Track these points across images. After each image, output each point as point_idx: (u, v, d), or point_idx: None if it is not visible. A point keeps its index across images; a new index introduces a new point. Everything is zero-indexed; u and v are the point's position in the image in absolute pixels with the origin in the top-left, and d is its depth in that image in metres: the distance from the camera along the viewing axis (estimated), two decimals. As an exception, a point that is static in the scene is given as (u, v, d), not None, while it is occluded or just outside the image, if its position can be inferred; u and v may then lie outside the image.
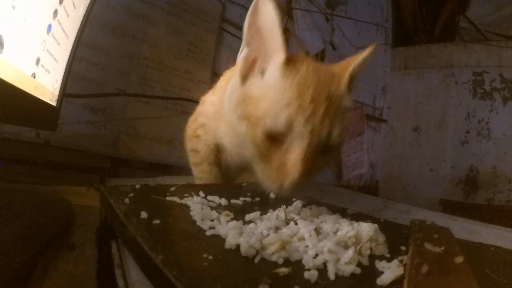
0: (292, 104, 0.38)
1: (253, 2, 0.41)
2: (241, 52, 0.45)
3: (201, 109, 0.68)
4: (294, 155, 0.38)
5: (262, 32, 0.43)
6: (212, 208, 0.41)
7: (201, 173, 0.68)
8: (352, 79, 0.46)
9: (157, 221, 0.35)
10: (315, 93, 0.39)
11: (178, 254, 0.29)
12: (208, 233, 0.34)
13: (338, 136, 0.41)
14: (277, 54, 0.42)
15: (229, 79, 0.60)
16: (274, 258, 0.30)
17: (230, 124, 0.48)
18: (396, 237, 0.38)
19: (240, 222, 0.36)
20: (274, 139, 0.39)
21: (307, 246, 0.32)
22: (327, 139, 0.40)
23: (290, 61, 0.42)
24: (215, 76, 1.46)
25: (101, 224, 0.47)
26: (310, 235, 0.33)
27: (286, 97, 0.39)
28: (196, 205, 0.41)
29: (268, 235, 0.33)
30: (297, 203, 0.47)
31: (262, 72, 0.44)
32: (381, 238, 0.35)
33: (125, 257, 0.36)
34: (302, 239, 0.34)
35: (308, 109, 0.38)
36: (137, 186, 0.45)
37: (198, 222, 0.36)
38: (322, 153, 0.41)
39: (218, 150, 0.66)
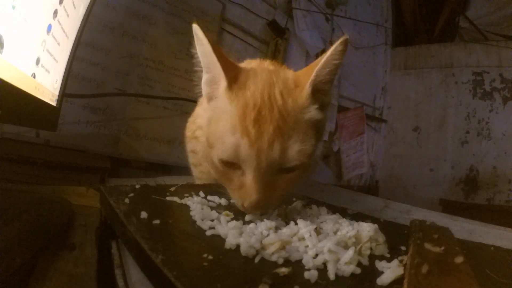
0: (237, 130, 0.38)
1: (193, 31, 0.42)
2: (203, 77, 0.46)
3: (198, 110, 0.68)
4: (247, 178, 0.38)
5: (207, 59, 0.43)
6: (212, 208, 0.41)
7: (200, 173, 0.69)
8: (316, 88, 0.42)
9: (157, 221, 0.35)
10: (261, 114, 0.38)
11: (178, 254, 0.29)
12: (208, 233, 0.34)
13: (297, 155, 0.38)
14: (220, 78, 0.42)
15: None
16: (274, 258, 0.30)
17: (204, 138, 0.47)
18: (396, 237, 0.38)
19: (240, 222, 0.36)
20: (229, 163, 0.39)
21: (307, 246, 0.32)
22: (282, 160, 0.38)
23: (237, 82, 0.41)
24: (215, 76, 1.46)
25: (101, 224, 0.47)
26: (310, 235, 0.33)
27: (231, 122, 0.38)
28: (196, 205, 0.41)
29: (268, 235, 0.33)
30: (297, 203, 0.47)
31: (217, 95, 0.44)
32: (381, 238, 0.35)
33: (125, 257, 0.36)
34: (302, 239, 0.34)
35: (252, 133, 0.37)
36: (137, 186, 0.45)
37: (198, 222, 0.36)
38: (282, 173, 0.40)
39: None
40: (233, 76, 0.42)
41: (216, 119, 0.41)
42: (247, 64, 0.60)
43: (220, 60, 0.41)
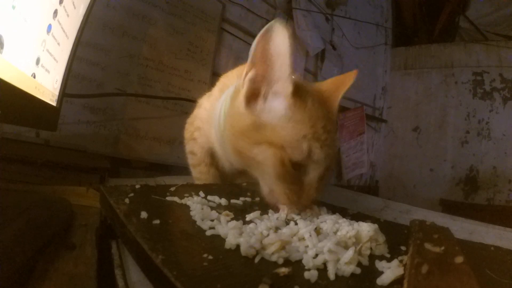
0: (309, 135, 0.42)
1: (268, 26, 0.41)
2: (245, 74, 0.44)
3: (197, 112, 0.68)
4: (311, 178, 0.44)
5: (271, 58, 0.42)
6: (212, 208, 0.41)
7: (199, 174, 0.69)
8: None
9: (157, 221, 0.35)
10: (324, 123, 0.43)
11: (178, 254, 0.29)
12: (208, 233, 0.34)
13: (336, 157, 0.49)
14: (284, 84, 0.42)
15: (223, 86, 0.60)
16: (274, 258, 0.30)
17: (232, 146, 0.48)
18: (396, 237, 0.38)
19: (240, 222, 0.36)
20: (294, 164, 0.43)
21: (307, 246, 0.32)
22: (332, 162, 0.45)
23: (295, 91, 0.43)
24: (215, 76, 1.46)
25: (101, 224, 0.47)
26: (310, 235, 0.33)
27: (302, 128, 0.42)
28: (196, 205, 0.41)
29: (268, 235, 0.33)
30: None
31: (265, 98, 0.44)
32: (381, 238, 0.35)
33: (125, 257, 0.36)
34: (302, 239, 0.34)
35: (321, 139, 0.42)
36: (137, 186, 0.45)
37: (198, 222, 0.36)
38: (326, 172, 0.46)
39: (213, 153, 0.66)
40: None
41: (277, 123, 0.43)
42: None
43: (292, 66, 0.41)
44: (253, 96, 0.44)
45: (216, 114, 0.55)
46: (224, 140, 0.51)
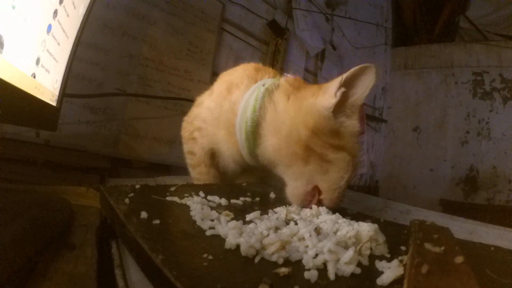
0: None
1: (369, 66, 0.49)
2: (338, 88, 0.50)
3: (198, 112, 0.67)
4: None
5: (354, 87, 0.51)
6: (212, 208, 0.41)
7: (199, 174, 0.68)
8: None
9: (157, 221, 0.35)
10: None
11: (178, 254, 0.29)
12: (208, 233, 0.34)
13: None
14: (332, 93, 0.50)
15: (230, 85, 0.60)
16: (274, 258, 0.30)
17: (293, 139, 0.51)
18: (396, 237, 0.38)
19: (240, 222, 0.36)
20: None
21: (307, 246, 0.32)
22: None
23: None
24: (215, 76, 1.46)
25: (101, 224, 0.47)
26: (310, 235, 0.33)
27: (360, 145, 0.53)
28: (196, 205, 0.41)
29: (268, 235, 0.33)
30: (297, 203, 0.47)
31: (346, 113, 0.51)
32: (381, 238, 0.35)
33: (125, 257, 0.35)
34: (302, 239, 0.34)
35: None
36: (137, 186, 0.45)
37: (198, 222, 0.36)
38: None
39: (214, 154, 0.66)
40: None
41: (354, 139, 0.52)
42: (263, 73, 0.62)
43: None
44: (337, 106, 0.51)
45: (224, 112, 0.57)
46: (248, 135, 0.54)
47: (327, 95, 0.50)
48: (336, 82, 0.50)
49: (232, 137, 0.57)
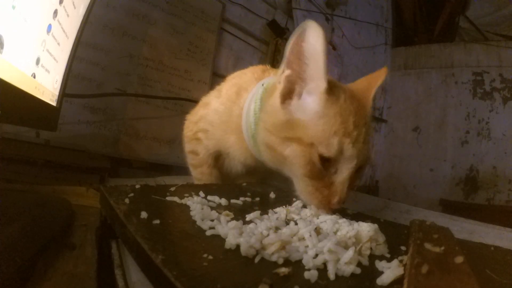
0: (339, 131, 0.42)
1: (302, 27, 0.42)
2: (282, 72, 0.46)
3: (204, 113, 0.65)
4: (342, 175, 0.43)
5: (305, 58, 0.43)
6: (212, 208, 0.41)
7: (200, 174, 0.67)
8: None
9: (157, 221, 0.35)
10: (356, 119, 0.43)
11: (178, 254, 0.29)
12: (208, 233, 0.34)
13: (369, 155, 0.45)
14: (318, 82, 0.43)
15: (239, 89, 0.59)
16: (274, 258, 0.30)
17: (264, 142, 0.49)
18: (396, 237, 0.38)
19: (240, 222, 0.36)
20: (324, 161, 0.42)
21: (307, 246, 0.32)
22: (364, 159, 0.44)
23: (329, 89, 0.44)
24: (215, 76, 1.46)
25: (101, 224, 0.47)
26: (310, 235, 0.33)
27: (333, 124, 0.42)
28: (196, 205, 0.41)
29: (268, 235, 0.33)
30: (297, 203, 0.47)
31: (299, 96, 0.45)
32: (381, 238, 0.35)
33: (125, 257, 0.35)
34: (302, 239, 0.34)
35: (353, 135, 0.42)
36: (137, 186, 0.45)
37: (198, 222, 0.36)
38: (357, 171, 0.45)
39: (219, 156, 0.65)
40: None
41: (309, 120, 0.44)
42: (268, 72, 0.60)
43: (326, 63, 0.43)
44: (288, 94, 0.46)
45: (234, 117, 0.56)
46: (255, 139, 0.52)
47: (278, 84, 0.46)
48: (281, 66, 0.45)
49: (244, 142, 0.56)
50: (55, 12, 0.58)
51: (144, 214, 0.35)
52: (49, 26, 0.57)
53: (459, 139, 2.32)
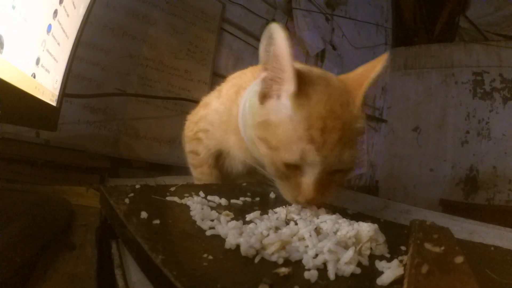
0: (304, 137, 0.41)
1: (267, 29, 0.42)
2: (260, 73, 0.46)
3: (204, 113, 0.65)
4: (307, 179, 0.42)
5: (275, 59, 0.43)
6: (212, 208, 0.41)
7: (201, 174, 0.68)
8: (363, 100, 0.46)
9: (157, 221, 0.35)
10: (328, 122, 0.41)
11: (178, 254, 0.29)
12: (208, 233, 0.34)
13: (349, 160, 0.43)
14: (288, 84, 0.43)
15: (239, 89, 0.59)
16: (274, 258, 0.30)
17: (249, 139, 0.50)
18: (396, 237, 0.38)
19: (240, 222, 0.36)
20: (292, 165, 0.43)
21: (307, 246, 0.32)
22: (338, 164, 0.42)
23: (302, 89, 0.43)
24: (215, 76, 1.46)
25: (101, 224, 0.47)
26: (310, 235, 0.33)
27: (298, 129, 0.41)
28: (196, 205, 0.41)
29: (268, 235, 0.33)
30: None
31: (278, 97, 0.45)
32: (381, 238, 0.35)
33: (125, 257, 0.35)
34: (302, 239, 0.34)
35: (318, 141, 0.40)
36: (137, 186, 0.45)
37: (198, 222, 0.36)
38: (334, 174, 0.44)
39: (219, 155, 0.66)
40: (299, 83, 0.43)
41: (278, 123, 0.43)
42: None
43: (292, 66, 0.42)
44: (267, 94, 0.46)
45: (240, 118, 0.56)
46: (246, 138, 0.53)
47: None
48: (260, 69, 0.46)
49: (244, 142, 0.56)
50: (55, 12, 0.58)
51: (144, 214, 0.35)
52: (49, 26, 0.57)
53: (459, 139, 2.32)
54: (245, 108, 0.53)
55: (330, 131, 0.41)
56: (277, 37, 0.41)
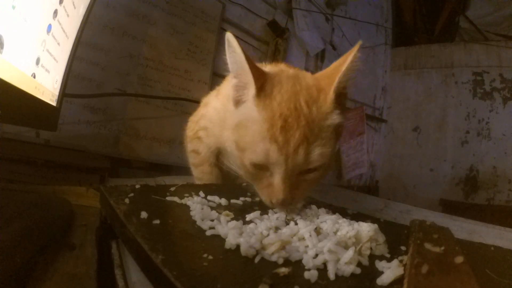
0: (266, 137, 0.41)
1: (225, 39, 0.44)
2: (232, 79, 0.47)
3: (204, 112, 0.67)
4: (275, 179, 0.43)
5: (239, 66, 0.44)
6: (212, 208, 0.41)
7: (201, 174, 0.68)
8: (338, 93, 0.45)
9: (157, 221, 0.35)
10: (287, 122, 0.41)
11: (178, 254, 0.29)
12: (208, 233, 0.34)
13: (318, 158, 0.42)
14: (251, 86, 0.44)
15: None
16: (274, 258, 0.30)
17: (229, 143, 0.50)
18: (396, 237, 0.38)
19: (240, 222, 0.36)
20: (259, 166, 0.43)
21: (307, 246, 0.32)
22: (305, 163, 0.42)
23: (264, 90, 0.44)
24: (215, 76, 1.46)
25: (101, 224, 0.47)
26: (310, 235, 0.34)
27: (262, 130, 0.42)
28: (196, 205, 0.41)
29: (268, 235, 0.33)
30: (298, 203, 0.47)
31: (246, 100, 0.46)
32: (381, 238, 0.35)
33: (125, 257, 0.36)
34: (302, 239, 0.34)
35: (280, 140, 0.41)
36: (137, 186, 0.45)
37: (198, 222, 0.36)
38: (305, 173, 0.44)
39: (219, 153, 0.66)
40: (261, 84, 0.44)
41: (245, 125, 0.44)
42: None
43: (251, 69, 0.43)
44: (241, 100, 0.47)
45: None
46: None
47: None
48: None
49: None
50: (55, 12, 0.58)
51: (144, 214, 0.35)
52: (49, 26, 0.57)
53: (459, 139, 2.32)
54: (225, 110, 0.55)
55: (293, 130, 0.41)
56: (234, 45, 0.43)
